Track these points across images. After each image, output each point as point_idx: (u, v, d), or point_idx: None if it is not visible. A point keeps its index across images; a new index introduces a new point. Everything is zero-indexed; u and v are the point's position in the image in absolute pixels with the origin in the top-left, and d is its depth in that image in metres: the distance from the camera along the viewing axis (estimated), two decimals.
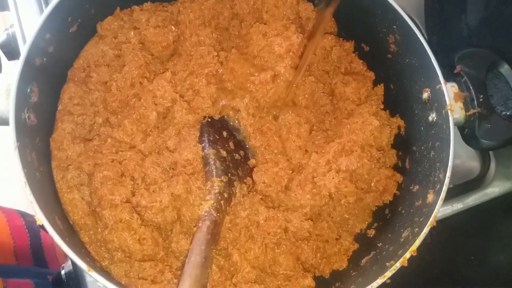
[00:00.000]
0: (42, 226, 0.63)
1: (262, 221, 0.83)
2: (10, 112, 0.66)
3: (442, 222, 1.10)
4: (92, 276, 0.61)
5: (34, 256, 1.27)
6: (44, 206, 0.65)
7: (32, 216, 1.35)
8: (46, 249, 1.32)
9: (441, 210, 0.75)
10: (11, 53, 1.10)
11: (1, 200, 1.38)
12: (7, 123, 0.69)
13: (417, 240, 0.71)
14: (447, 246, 1.14)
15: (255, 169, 0.88)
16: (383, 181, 0.90)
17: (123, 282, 0.73)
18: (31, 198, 0.63)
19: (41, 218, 0.62)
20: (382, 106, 0.95)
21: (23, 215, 1.31)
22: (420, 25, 1.21)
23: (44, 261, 1.30)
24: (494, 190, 1.16)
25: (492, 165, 1.19)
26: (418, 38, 0.82)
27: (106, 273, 0.74)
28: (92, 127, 0.85)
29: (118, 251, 0.76)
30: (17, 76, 0.68)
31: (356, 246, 0.89)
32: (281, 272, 0.83)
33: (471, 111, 0.81)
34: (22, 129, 0.69)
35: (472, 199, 1.14)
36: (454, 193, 1.14)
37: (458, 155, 1.18)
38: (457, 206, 1.13)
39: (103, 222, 0.78)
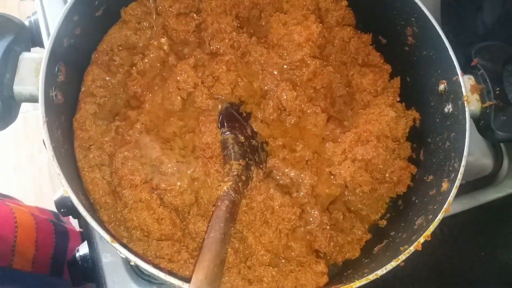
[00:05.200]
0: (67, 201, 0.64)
1: (277, 207, 0.84)
2: (39, 89, 0.69)
3: (454, 218, 1.10)
4: (115, 248, 0.63)
5: (53, 265, 1.27)
6: (69, 180, 0.67)
7: (62, 225, 1.36)
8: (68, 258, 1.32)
9: (453, 206, 0.76)
10: (33, 40, 1.13)
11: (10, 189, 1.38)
12: (35, 100, 0.71)
13: (431, 226, 0.72)
14: (458, 242, 1.15)
15: (270, 157, 0.90)
16: (398, 172, 0.91)
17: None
18: (58, 170, 0.65)
19: (67, 190, 0.64)
20: (398, 99, 0.96)
21: (54, 223, 1.32)
22: (436, 22, 1.22)
23: (61, 271, 1.30)
24: (506, 187, 1.16)
25: (505, 163, 1.20)
26: (436, 30, 0.84)
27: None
28: (114, 109, 0.87)
29: (137, 229, 0.78)
30: (46, 55, 0.71)
31: (369, 236, 0.90)
32: (294, 257, 0.84)
33: (487, 103, 0.83)
34: (49, 106, 0.71)
35: (484, 196, 1.15)
36: (466, 189, 1.15)
37: (471, 152, 1.17)
38: (469, 202, 1.13)
39: (123, 201, 0.79)
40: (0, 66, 0.70)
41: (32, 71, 0.73)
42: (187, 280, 0.63)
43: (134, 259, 0.62)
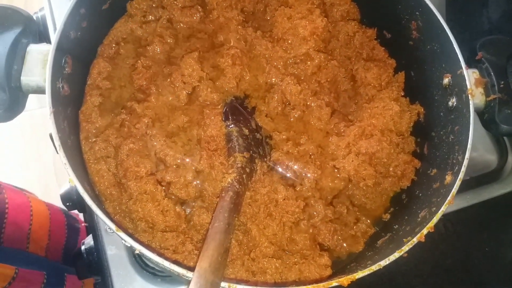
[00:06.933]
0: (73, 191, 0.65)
1: (281, 200, 0.84)
2: (46, 80, 0.69)
3: (458, 214, 1.10)
4: (120, 236, 0.63)
5: (65, 254, 1.30)
6: (75, 170, 0.68)
7: (75, 218, 1.38)
8: None
9: (457, 202, 0.76)
10: (40, 35, 1.14)
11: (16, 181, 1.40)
12: (42, 91, 0.72)
13: (434, 218, 0.72)
14: (461, 238, 1.15)
15: (274, 150, 0.90)
16: (402, 166, 0.91)
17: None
18: (64, 160, 0.65)
19: (73, 179, 0.65)
20: (402, 93, 0.96)
21: (67, 215, 1.34)
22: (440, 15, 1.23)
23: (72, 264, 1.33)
24: (511, 183, 1.16)
25: (510, 159, 1.20)
26: (441, 23, 0.84)
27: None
28: (119, 101, 0.87)
29: (141, 221, 0.79)
30: (53, 46, 0.71)
31: (373, 230, 0.90)
32: (298, 250, 0.84)
33: (492, 97, 0.83)
34: (56, 97, 0.72)
35: (489, 192, 1.15)
36: (471, 185, 1.15)
37: (475, 148, 1.19)
38: (473, 198, 1.13)
39: (128, 193, 0.80)
40: (8, 58, 0.71)
41: (39, 62, 0.74)
42: (192, 270, 0.64)
43: (139, 248, 0.62)
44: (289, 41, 0.93)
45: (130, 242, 0.63)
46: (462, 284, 1.12)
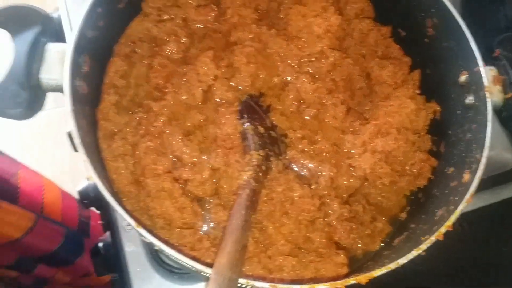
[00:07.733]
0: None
1: (297, 198, 0.84)
2: (65, 78, 0.70)
3: (474, 213, 1.09)
4: (140, 233, 0.64)
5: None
6: (94, 167, 0.69)
7: (87, 213, 1.40)
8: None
9: (474, 201, 0.76)
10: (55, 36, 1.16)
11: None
12: (60, 89, 0.73)
13: (452, 216, 0.72)
14: (478, 237, 1.13)
15: (289, 148, 0.90)
16: (418, 165, 0.90)
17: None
18: (84, 157, 0.66)
19: (93, 176, 0.65)
20: (418, 91, 0.95)
21: (79, 207, 1.37)
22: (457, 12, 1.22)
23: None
24: None
25: None
26: (457, 20, 0.83)
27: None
28: (136, 100, 0.88)
29: (159, 218, 0.79)
30: (72, 45, 0.73)
31: (390, 228, 0.90)
32: (314, 248, 0.84)
33: (510, 94, 0.82)
34: (74, 96, 0.72)
35: (507, 191, 1.13)
36: (488, 184, 1.13)
37: (492, 147, 1.16)
38: (490, 197, 1.12)
39: (146, 190, 0.81)
40: (28, 56, 0.72)
41: (58, 61, 0.75)
42: (210, 267, 0.64)
43: (158, 244, 0.63)
44: (304, 39, 0.93)
45: (150, 238, 0.63)
46: (479, 284, 1.11)
